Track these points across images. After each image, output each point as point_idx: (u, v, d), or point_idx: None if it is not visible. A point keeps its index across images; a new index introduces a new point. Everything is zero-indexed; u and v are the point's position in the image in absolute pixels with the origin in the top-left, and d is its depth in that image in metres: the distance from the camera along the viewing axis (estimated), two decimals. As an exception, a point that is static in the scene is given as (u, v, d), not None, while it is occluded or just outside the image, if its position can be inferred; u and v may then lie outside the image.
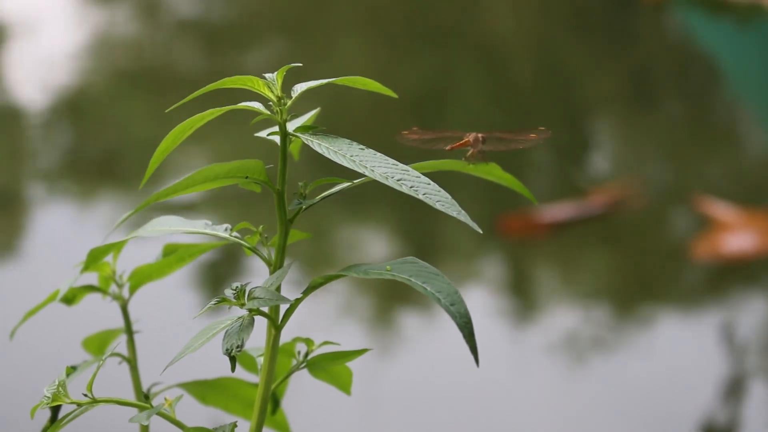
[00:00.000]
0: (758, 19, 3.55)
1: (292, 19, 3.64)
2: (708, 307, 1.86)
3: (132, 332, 0.77)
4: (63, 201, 2.21)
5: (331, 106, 2.54)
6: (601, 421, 1.53)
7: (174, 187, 0.62)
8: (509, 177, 0.69)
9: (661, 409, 1.55)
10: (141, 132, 2.62)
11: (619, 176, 2.42)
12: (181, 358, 0.61)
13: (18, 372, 1.53)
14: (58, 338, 1.47)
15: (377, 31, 3.50)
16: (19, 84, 2.99)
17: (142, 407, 0.65)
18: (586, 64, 3.25)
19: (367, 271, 0.60)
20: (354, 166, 0.60)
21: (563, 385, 1.60)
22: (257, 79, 0.64)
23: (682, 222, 2.26)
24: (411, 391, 1.58)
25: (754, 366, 1.66)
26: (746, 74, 3.27)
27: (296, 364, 0.69)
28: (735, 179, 2.48)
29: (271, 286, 0.62)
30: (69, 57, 3.16)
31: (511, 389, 1.59)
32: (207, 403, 0.77)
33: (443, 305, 0.56)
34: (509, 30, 3.57)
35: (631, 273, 2.02)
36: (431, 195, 0.58)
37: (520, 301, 1.86)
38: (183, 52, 3.39)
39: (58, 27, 3.46)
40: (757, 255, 2.01)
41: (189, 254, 0.75)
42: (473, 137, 0.69)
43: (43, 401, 0.63)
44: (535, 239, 2.08)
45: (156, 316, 1.32)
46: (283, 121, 0.64)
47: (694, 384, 1.61)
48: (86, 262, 0.73)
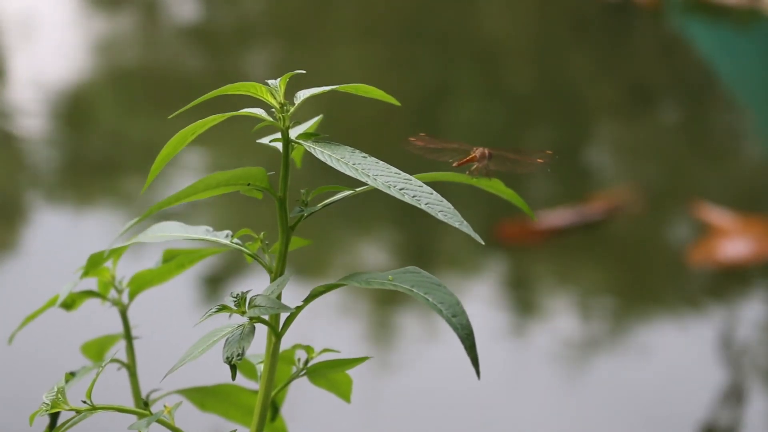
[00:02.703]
0: (755, 24, 3.56)
1: (293, 25, 3.64)
2: (705, 312, 1.86)
3: (131, 338, 0.77)
4: (63, 205, 2.21)
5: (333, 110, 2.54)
6: (601, 427, 1.53)
7: (176, 196, 0.62)
8: (511, 192, 0.69)
9: (660, 415, 1.55)
10: (142, 136, 2.62)
11: (617, 183, 2.42)
12: (181, 365, 0.61)
13: (17, 378, 1.53)
14: (57, 343, 1.47)
15: (378, 37, 3.50)
16: (17, 86, 2.99)
17: (141, 414, 0.65)
18: (584, 70, 3.25)
19: (368, 280, 0.60)
20: (356, 174, 0.60)
21: (563, 391, 1.60)
22: (260, 86, 0.64)
23: (679, 228, 2.26)
24: (411, 398, 1.58)
25: (752, 370, 1.66)
26: (743, 78, 3.27)
27: (296, 372, 0.69)
28: (732, 185, 2.48)
29: (272, 294, 0.62)
30: (68, 60, 3.16)
31: (512, 395, 1.59)
32: (206, 409, 0.77)
33: (445, 316, 0.56)
34: (508, 36, 3.57)
35: (629, 279, 2.02)
36: (433, 205, 0.58)
37: (519, 306, 1.86)
38: (185, 56, 3.39)
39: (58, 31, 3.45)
40: (753, 261, 2.01)
41: (189, 260, 0.75)
42: (480, 152, 0.69)
43: (42, 408, 0.63)
44: (534, 245, 2.08)
45: (155, 322, 1.32)
46: (285, 128, 0.64)
47: (693, 389, 1.61)
48: (86, 267, 0.72)
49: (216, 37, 3.48)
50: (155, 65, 3.22)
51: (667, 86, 3.15)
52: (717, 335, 1.74)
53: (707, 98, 3.09)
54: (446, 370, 1.63)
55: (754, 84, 3.21)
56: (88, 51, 3.31)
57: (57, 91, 2.90)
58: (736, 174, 2.58)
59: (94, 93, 2.94)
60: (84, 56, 3.25)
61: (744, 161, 2.72)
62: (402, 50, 3.32)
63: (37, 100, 2.81)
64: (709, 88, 3.16)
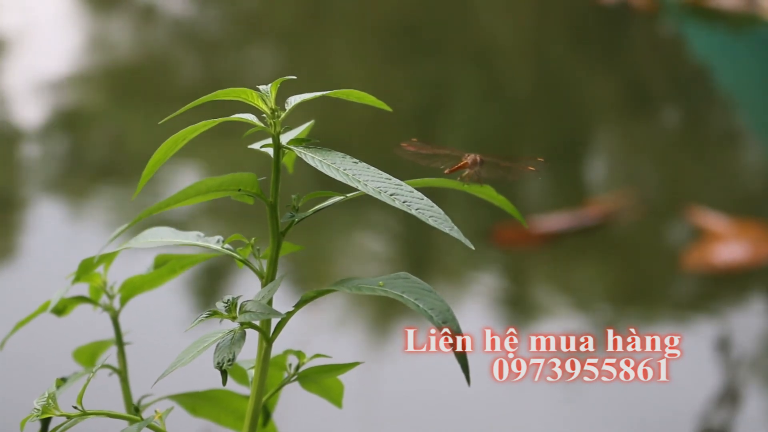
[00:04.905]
0: (752, 27, 3.56)
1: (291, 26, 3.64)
2: (700, 316, 1.86)
3: (123, 344, 0.77)
4: (56, 211, 2.21)
5: (328, 113, 2.54)
6: (596, 430, 1.53)
7: (167, 201, 0.62)
8: (502, 199, 0.69)
9: (655, 419, 1.55)
10: (135, 140, 2.62)
11: (614, 187, 2.42)
12: (171, 371, 0.61)
13: (8, 383, 1.52)
14: (49, 349, 1.47)
15: (373, 40, 3.51)
16: (14, 89, 2.99)
17: (132, 420, 0.65)
18: (581, 74, 3.25)
19: (359, 286, 0.60)
20: (347, 180, 0.60)
21: (559, 393, 1.60)
22: (251, 91, 0.64)
23: (675, 232, 2.26)
24: (405, 403, 1.58)
25: (747, 373, 1.67)
26: (740, 82, 3.27)
27: (287, 377, 0.69)
28: (729, 189, 2.49)
29: (263, 299, 0.62)
30: (64, 64, 3.16)
31: (507, 400, 1.59)
32: (198, 415, 0.77)
33: (435, 323, 0.56)
34: (505, 40, 3.57)
35: (624, 283, 2.02)
36: (424, 210, 0.58)
37: (515, 309, 1.86)
38: (179, 59, 3.39)
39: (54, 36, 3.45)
40: (748, 265, 2.01)
41: (180, 266, 0.75)
42: (471, 159, 0.70)
43: (32, 413, 0.63)
44: (530, 249, 2.08)
45: (147, 328, 1.32)
46: (276, 133, 0.64)
47: (688, 394, 1.61)
48: (77, 272, 0.72)
49: (213, 38, 3.48)
50: (151, 65, 3.23)
51: (663, 90, 3.16)
52: (712, 339, 1.74)
53: (704, 102, 3.09)
54: (441, 374, 1.63)
55: (750, 88, 3.22)
56: (84, 51, 3.32)
57: (52, 92, 2.90)
58: (732, 178, 2.59)
59: (91, 94, 2.94)
60: (79, 56, 3.25)
61: (741, 164, 2.72)
62: (400, 51, 3.32)
63: (31, 104, 2.81)
64: (705, 92, 3.16)
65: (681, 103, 3.11)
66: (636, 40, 3.61)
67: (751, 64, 3.40)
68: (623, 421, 1.55)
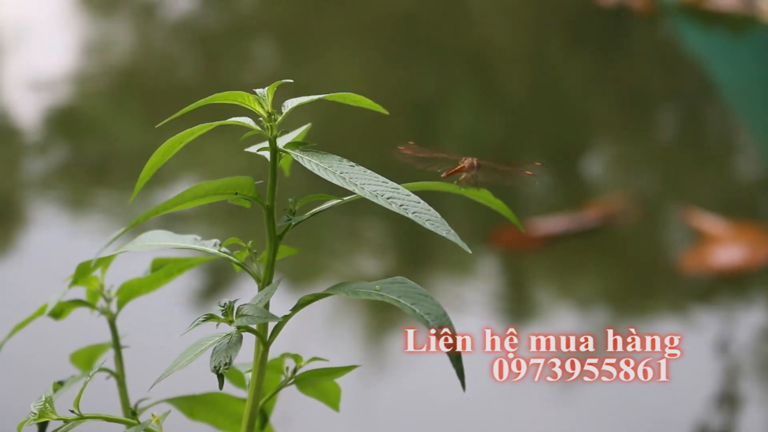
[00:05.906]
0: (751, 30, 3.56)
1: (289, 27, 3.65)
2: (698, 318, 1.86)
3: (120, 347, 0.77)
4: (53, 213, 2.21)
5: (323, 115, 2.54)
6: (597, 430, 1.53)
7: (164, 205, 0.62)
8: (499, 203, 0.69)
9: (654, 421, 1.55)
10: (133, 142, 2.62)
11: (612, 190, 2.42)
12: (168, 374, 0.61)
13: (5, 386, 1.52)
14: (46, 352, 1.47)
15: (372, 42, 3.51)
16: (10, 91, 2.99)
17: (129, 423, 0.65)
18: (579, 77, 3.25)
19: (356, 290, 0.60)
20: (343, 183, 0.60)
21: (559, 394, 1.60)
22: (247, 95, 0.64)
23: (674, 235, 2.26)
24: (403, 407, 1.58)
25: (745, 376, 1.67)
26: (739, 85, 3.27)
27: (285, 380, 0.69)
28: (728, 192, 2.49)
29: (260, 303, 0.62)
30: (62, 66, 3.16)
31: (505, 403, 1.59)
32: (195, 418, 0.77)
33: (431, 327, 0.56)
34: (503, 42, 3.57)
35: (623, 285, 2.02)
36: (421, 214, 0.58)
37: (514, 311, 1.86)
38: (178, 59, 3.39)
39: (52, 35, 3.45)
40: (746, 267, 2.01)
41: (177, 269, 0.75)
42: (468, 162, 0.69)
43: (29, 417, 0.63)
44: (530, 251, 2.08)
45: (144, 331, 1.31)
46: (273, 136, 0.64)
47: (686, 395, 1.61)
48: (74, 276, 0.72)
49: (211, 39, 3.48)
50: (149, 67, 3.23)
51: (662, 92, 3.16)
52: (711, 340, 1.74)
53: (702, 104, 3.09)
54: (441, 374, 1.63)
55: (749, 90, 3.22)
56: (81, 52, 3.31)
57: (49, 94, 2.90)
58: (730, 181, 2.59)
59: (89, 94, 2.94)
60: (77, 58, 3.25)
61: (740, 167, 2.72)
62: (397, 54, 3.32)
63: (28, 105, 2.80)
64: (704, 95, 3.16)
65: (679, 105, 3.11)
66: (634, 42, 3.62)
67: (749, 66, 3.40)
68: (623, 421, 1.55)
